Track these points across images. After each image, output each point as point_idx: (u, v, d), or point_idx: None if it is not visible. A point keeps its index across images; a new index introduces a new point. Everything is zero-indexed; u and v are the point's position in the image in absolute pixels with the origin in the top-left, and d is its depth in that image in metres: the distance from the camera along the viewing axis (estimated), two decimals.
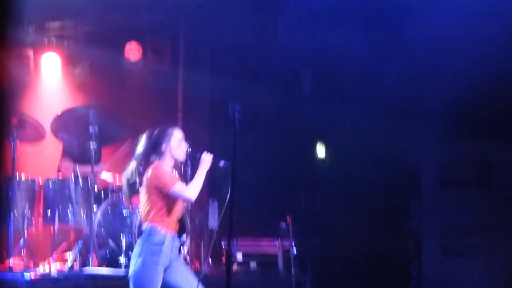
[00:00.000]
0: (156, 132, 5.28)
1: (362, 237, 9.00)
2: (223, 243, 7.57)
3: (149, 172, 5.12)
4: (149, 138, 5.26)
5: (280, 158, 8.98)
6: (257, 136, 8.53)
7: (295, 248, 8.11)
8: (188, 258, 7.20)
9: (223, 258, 7.49)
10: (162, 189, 5.06)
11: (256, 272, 7.83)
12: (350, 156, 9.15)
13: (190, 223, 7.26)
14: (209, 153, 5.22)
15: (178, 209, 5.17)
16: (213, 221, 7.94)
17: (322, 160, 9.63)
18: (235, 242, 8.01)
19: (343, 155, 9.32)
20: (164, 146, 5.24)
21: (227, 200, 5.15)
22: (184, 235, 6.92)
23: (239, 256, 7.92)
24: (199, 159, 5.21)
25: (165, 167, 5.20)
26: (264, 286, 7.35)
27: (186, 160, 5.39)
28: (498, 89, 8.17)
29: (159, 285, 5.02)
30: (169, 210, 5.10)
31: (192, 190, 5.11)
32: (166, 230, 5.07)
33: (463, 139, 8.58)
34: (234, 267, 7.46)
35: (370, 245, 8.91)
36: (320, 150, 9.59)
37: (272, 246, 8.41)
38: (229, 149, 5.16)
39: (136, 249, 5.07)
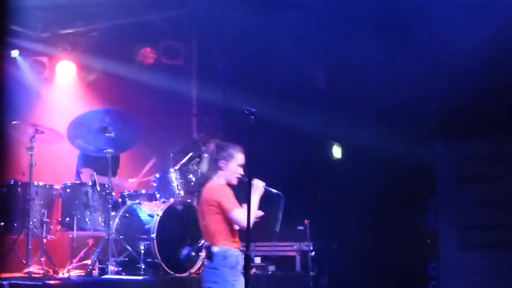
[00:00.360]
0: (220, 148, 5.30)
1: (378, 237, 9.00)
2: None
3: (211, 189, 5.16)
4: (214, 151, 5.29)
5: (294, 161, 8.98)
6: (271, 140, 8.52)
7: (312, 250, 8.11)
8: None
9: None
10: (225, 210, 5.08)
11: (275, 274, 7.84)
12: (365, 156, 9.13)
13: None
14: (260, 180, 5.20)
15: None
16: None
17: (337, 161, 9.61)
18: (253, 246, 8.03)
19: (358, 156, 9.31)
20: (223, 165, 5.26)
21: (278, 224, 5.30)
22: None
23: (258, 260, 7.92)
24: (249, 184, 5.13)
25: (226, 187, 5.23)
26: (283, 286, 7.36)
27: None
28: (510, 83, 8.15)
29: None
30: (233, 230, 5.14)
31: (247, 219, 4.97)
32: (238, 251, 5.13)
33: (477, 134, 8.54)
34: (253, 270, 7.45)
35: (386, 244, 8.89)
36: (336, 151, 9.58)
37: (290, 249, 8.43)
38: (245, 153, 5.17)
39: (213, 273, 5.08)
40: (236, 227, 5.13)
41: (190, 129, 9.48)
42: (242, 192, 5.20)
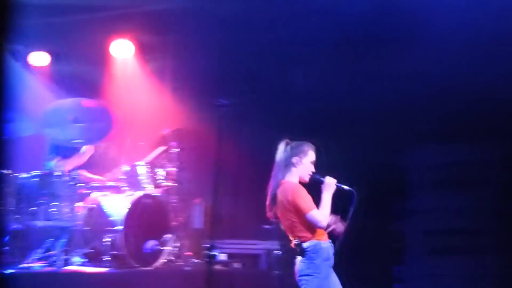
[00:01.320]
0: (293, 145, 5.31)
1: (345, 237, 9.00)
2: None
3: (287, 189, 5.18)
4: (286, 149, 5.31)
5: (264, 160, 8.97)
6: (243, 138, 8.50)
7: (279, 249, 8.14)
8: (172, 257, 7.20)
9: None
10: (301, 210, 5.11)
11: (240, 271, 7.84)
12: (337, 157, 9.13)
13: (175, 222, 7.26)
14: (331, 177, 5.23)
15: None
16: (198, 222, 7.95)
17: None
18: (219, 243, 8.01)
19: (329, 155, 9.29)
20: (296, 161, 5.27)
21: (348, 220, 5.28)
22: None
23: (223, 257, 7.92)
24: (320, 182, 5.23)
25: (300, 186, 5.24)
26: (247, 285, 7.36)
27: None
28: (488, 89, 8.20)
29: None
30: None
31: (324, 218, 5.13)
32: (326, 242, 5.19)
33: (451, 140, 8.60)
34: (218, 267, 7.45)
35: (353, 244, 8.92)
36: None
37: (256, 248, 8.44)
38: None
39: (306, 266, 5.19)
40: None
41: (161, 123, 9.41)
42: (314, 190, 5.24)
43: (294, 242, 5.25)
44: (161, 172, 7.59)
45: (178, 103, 8.93)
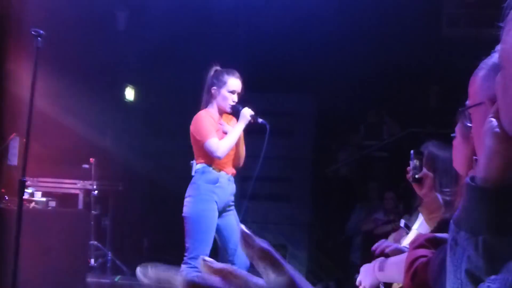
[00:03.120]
0: (214, 74, 5.18)
1: (163, 181, 9.10)
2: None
3: (193, 119, 5.14)
4: (209, 77, 5.22)
5: (87, 98, 8.79)
6: (64, 72, 8.26)
7: (96, 189, 8.08)
8: None
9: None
10: (198, 140, 5.05)
11: (55, 210, 7.69)
12: (158, 102, 9.13)
13: None
14: (249, 109, 5.12)
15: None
16: (13, 158, 7.66)
17: (130, 102, 9.51)
18: (35, 181, 7.82)
19: (152, 100, 9.28)
20: (213, 91, 5.16)
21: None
22: None
23: (38, 195, 7.73)
24: (238, 112, 5.14)
25: (207, 115, 5.12)
26: (62, 224, 7.23)
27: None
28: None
29: (215, 227, 5.10)
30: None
31: (223, 147, 5.04)
32: (219, 170, 5.09)
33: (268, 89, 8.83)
34: (32, 204, 7.26)
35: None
36: (129, 92, 9.47)
37: (73, 187, 8.33)
38: None
39: (189, 188, 5.14)
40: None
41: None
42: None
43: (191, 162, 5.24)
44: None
45: None
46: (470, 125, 1.73)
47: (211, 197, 5.16)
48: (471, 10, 9.22)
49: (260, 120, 5.23)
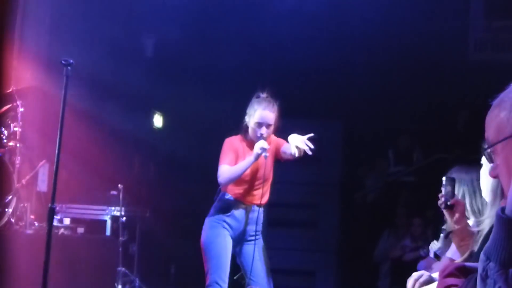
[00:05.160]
0: (252, 101, 5.24)
1: (190, 208, 9.12)
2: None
3: None
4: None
5: (115, 125, 8.87)
6: (93, 100, 8.36)
7: (124, 215, 8.10)
8: (13, 219, 6.98)
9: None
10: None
11: (83, 236, 7.74)
12: (186, 128, 9.17)
13: (18, 184, 7.04)
14: (264, 141, 5.09)
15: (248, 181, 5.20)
16: (42, 184, 7.74)
17: (158, 129, 9.56)
18: (63, 207, 7.88)
19: (180, 126, 9.32)
20: (246, 120, 5.23)
21: None
22: None
23: (67, 221, 7.78)
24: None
25: (231, 141, 5.22)
26: (91, 250, 7.27)
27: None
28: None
29: (229, 253, 5.17)
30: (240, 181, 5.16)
31: (224, 174, 5.11)
32: (235, 199, 5.18)
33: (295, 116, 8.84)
34: (61, 231, 7.32)
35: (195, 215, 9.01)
36: (157, 119, 9.53)
37: (102, 213, 8.36)
38: None
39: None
40: (247, 179, 5.20)
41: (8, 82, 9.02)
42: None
43: None
44: (4, 132, 7.29)
45: (24, 60, 8.60)
46: (496, 163, 1.72)
47: (221, 224, 5.19)
48: (497, 34, 9.19)
49: (264, 154, 5.09)
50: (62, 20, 8.67)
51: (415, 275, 2.86)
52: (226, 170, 5.11)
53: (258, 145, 5.07)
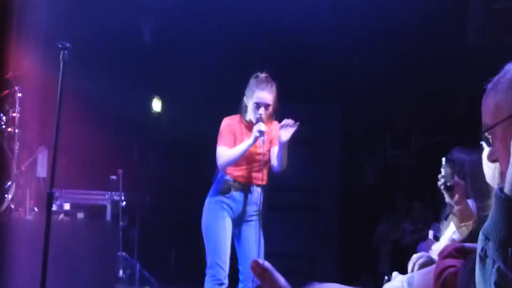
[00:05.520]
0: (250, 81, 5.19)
1: (189, 192, 9.11)
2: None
3: None
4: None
5: (114, 110, 8.85)
6: (91, 84, 8.33)
7: (124, 200, 8.11)
8: (12, 205, 6.98)
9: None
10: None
11: (83, 221, 7.75)
12: (185, 113, 9.16)
13: (17, 170, 7.04)
14: (262, 124, 5.05)
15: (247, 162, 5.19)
16: (41, 170, 7.74)
17: (157, 114, 9.54)
18: (63, 192, 7.88)
19: (179, 111, 9.31)
20: (245, 100, 5.17)
21: None
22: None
23: (66, 206, 7.79)
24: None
25: (227, 121, 5.19)
26: (91, 235, 7.29)
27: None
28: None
29: (228, 234, 5.14)
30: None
31: (223, 157, 5.11)
32: (234, 180, 5.14)
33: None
34: (61, 216, 7.33)
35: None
36: (156, 104, 9.51)
37: (101, 198, 8.36)
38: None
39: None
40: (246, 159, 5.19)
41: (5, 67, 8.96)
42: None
43: None
44: (3, 118, 7.27)
45: (21, 46, 8.55)
46: (495, 147, 1.72)
47: (220, 205, 5.17)
48: (497, 18, 9.15)
49: (262, 138, 5.05)
50: (59, 4, 8.63)
51: (414, 257, 2.87)
52: (224, 153, 5.11)
53: (256, 127, 5.03)
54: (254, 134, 5.04)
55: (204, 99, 8.84)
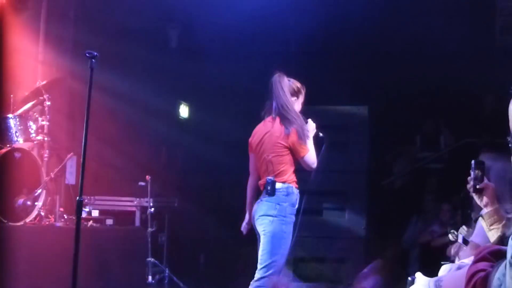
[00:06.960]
0: (288, 82, 5.36)
1: (216, 197, 9.15)
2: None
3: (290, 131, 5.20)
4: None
5: (142, 116, 8.90)
6: (118, 91, 8.38)
7: (152, 206, 8.12)
8: (42, 212, 7.04)
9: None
10: (299, 153, 5.14)
11: (112, 228, 7.80)
12: (213, 116, 9.17)
13: (46, 177, 7.11)
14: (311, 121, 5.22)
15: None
16: (71, 177, 7.80)
17: (184, 120, 9.56)
18: (92, 199, 7.94)
19: (206, 117, 9.32)
20: (295, 101, 5.36)
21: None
22: None
23: (96, 213, 7.84)
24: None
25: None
26: (120, 241, 7.33)
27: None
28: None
29: None
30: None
31: (315, 159, 5.22)
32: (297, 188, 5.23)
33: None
34: (90, 223, 7.38)
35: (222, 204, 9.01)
36: (183, 110, 9.54)
37: (130, 204, 8.40)
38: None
39: (270, 207, 5.09)
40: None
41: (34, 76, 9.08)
42: None
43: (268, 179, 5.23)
44: (32, 126, 7.34)
45: (49, 54, 8.64)
46: None
47: (293, 219, 5.22)
48: None
49: (320, 134, 5.29)
50: (86, 13, 8.72)
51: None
52: (313, 155, 5.19)
53: (313, 125, 5.26)
54: (312, 130, 5.27)
55: (230, 104, 8.86)
